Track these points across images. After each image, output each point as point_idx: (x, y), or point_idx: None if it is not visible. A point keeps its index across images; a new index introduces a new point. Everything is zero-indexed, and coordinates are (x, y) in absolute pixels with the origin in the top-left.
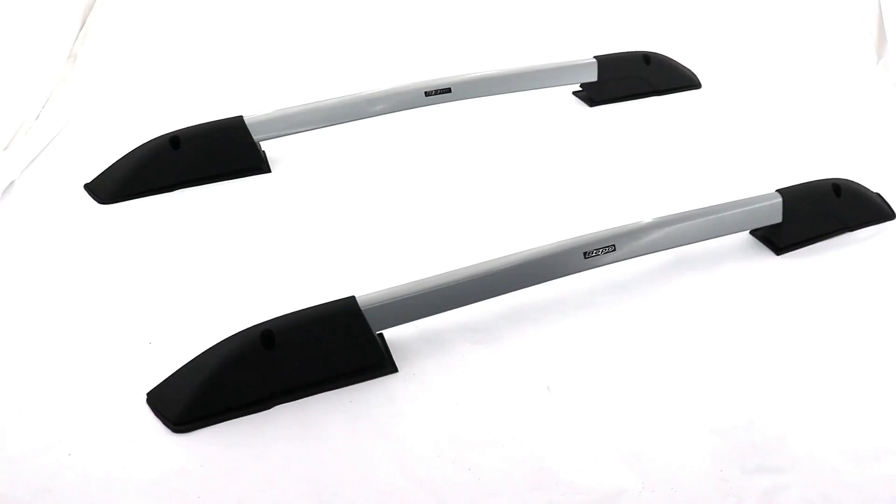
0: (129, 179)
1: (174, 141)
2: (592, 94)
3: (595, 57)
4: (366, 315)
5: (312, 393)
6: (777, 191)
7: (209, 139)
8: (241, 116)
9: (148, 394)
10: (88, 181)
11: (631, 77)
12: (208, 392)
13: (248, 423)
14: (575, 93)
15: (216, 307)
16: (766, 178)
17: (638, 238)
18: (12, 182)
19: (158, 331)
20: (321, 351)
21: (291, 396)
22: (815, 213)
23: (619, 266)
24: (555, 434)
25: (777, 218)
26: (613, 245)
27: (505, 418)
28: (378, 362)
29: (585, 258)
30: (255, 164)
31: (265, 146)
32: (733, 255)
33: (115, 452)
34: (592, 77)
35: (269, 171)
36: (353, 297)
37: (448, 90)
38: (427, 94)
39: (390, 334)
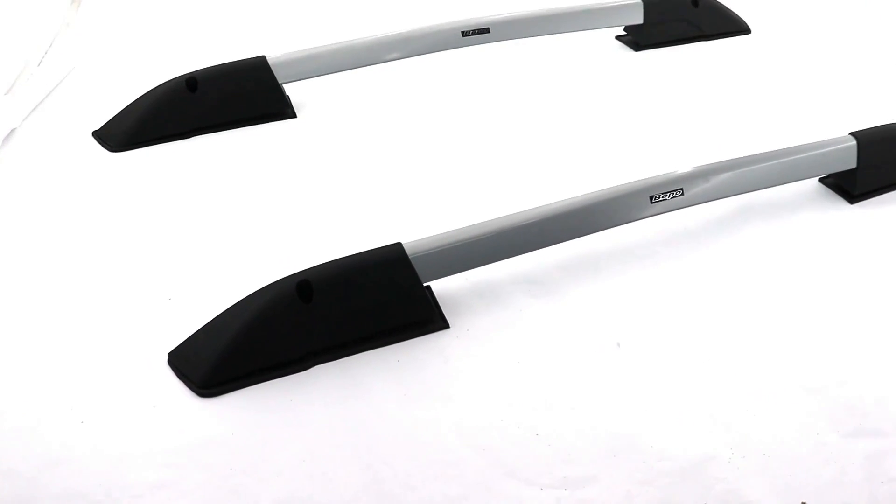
0: (141, 125)
1: (191, 83)
2: (638, 38)
3: None
4: (414, 264)
5: (356, 351)
6: (851, 134)
7: (229, 81)
8: (263, 57)
9: (169, 354)
10: (97, 128)
11: (678, 20)
12: (238, 351)
13: (283, 385)
14: (618, 37)
15: (242, 259)
16: (829, 124)
17: (706, 181)
18: (13, 130)
19: (179, 286)
20: (365, 304)
21: (332, 355)
22: (892, 159)
23: (681, 216)
24: (630, 395)
25: (851, 163)
26: (681, 189)
27: (573, 378)
28: (428, 317)
29: (652, 203)
30: (280, 108)
31: (289, 89)
32: (804, 204)
33: (134, 420)
34: (638, 19)
35: (294, 115)
36: (399, 244)
37: (486, 30)
38: (464, 34)
39: (438, 287)
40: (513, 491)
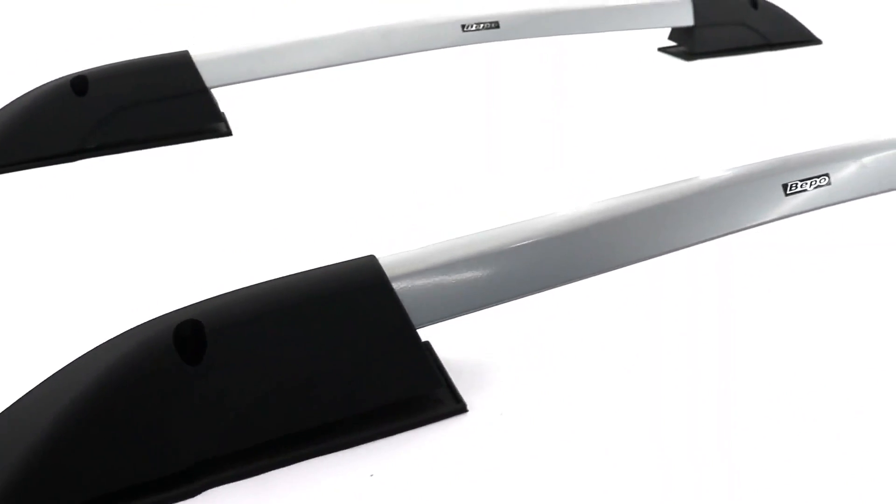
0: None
1: (79, 84)
2: (688, 46)
3: None
4: (398, 292)
5: (291, 460)
6: None
7: (136, 83)
8: (186, 52)
9: None
10: None
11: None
12: (58, 459)
13: None
14: (661, 49)
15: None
16: None
17: (856, 168)
18: None
19: None
20: (303, 368)
21: (244, 467)
22: None
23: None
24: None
25: None
26: (827, 175)
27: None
28: (429, 388)
29: (787, 195)
30: (208, 121)
31: (221, 96)
32: None
33: None
34: (688, 20)
35: (228, 133)
36: (372, 257)
37: (495, 25)
38: (465, 28)
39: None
40: None
